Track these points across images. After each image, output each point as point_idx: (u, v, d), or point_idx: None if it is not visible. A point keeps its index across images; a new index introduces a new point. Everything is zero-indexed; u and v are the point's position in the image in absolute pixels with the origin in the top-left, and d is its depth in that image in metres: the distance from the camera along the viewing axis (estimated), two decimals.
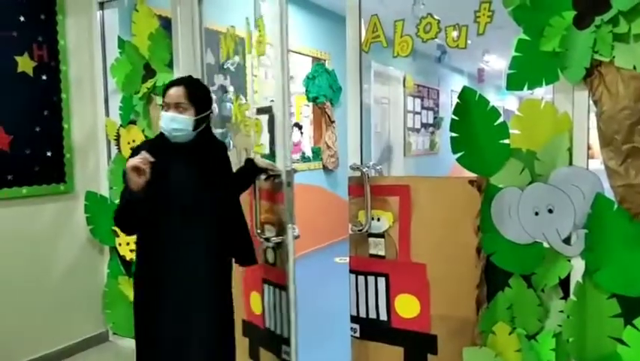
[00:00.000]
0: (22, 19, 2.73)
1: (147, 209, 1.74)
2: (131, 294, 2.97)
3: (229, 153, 2.06)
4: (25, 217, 2.80)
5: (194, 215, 1.83)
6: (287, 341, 2.32)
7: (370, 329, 2.24)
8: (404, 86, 7.26)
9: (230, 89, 4.16)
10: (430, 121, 8.45)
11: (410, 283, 2.12)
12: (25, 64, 2.75)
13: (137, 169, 1.65)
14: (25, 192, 2.77)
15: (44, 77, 2.84)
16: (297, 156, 5.39)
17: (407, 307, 2.14)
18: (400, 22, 2.04)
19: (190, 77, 1.94)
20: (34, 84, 2.80)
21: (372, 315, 2.22)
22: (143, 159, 1.66)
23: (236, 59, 4.16)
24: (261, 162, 2.23)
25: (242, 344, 2.58)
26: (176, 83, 1.83)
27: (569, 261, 1.76)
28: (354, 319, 2.28)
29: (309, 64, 5.66)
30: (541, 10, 1.68)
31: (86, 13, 3.07)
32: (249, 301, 2.53)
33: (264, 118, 2.51)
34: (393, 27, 2.04)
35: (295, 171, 2.32)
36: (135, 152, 1.80)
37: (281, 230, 2.29)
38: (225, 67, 4.11)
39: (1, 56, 2.65)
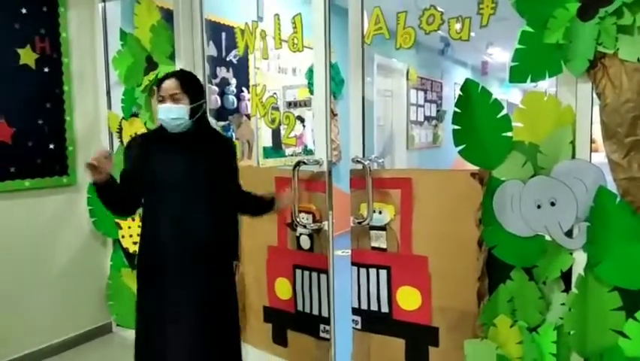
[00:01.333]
0: (24, 11, 2.73)
1: (115, 195, 1.84)
2: (134, 286, 3.02)
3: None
4: (28, 210, 2.82)
5: (194, 202, 1.89)
6: (326, 320, 2.37)
7: (372, 321, 2.25)
8: (407, 78, 7.23)
9: (233, 81, 4.16)
10: (433, 114, 8.42)
11: (412, 276, 2.13)
12: (27, 56, 2.75)
13: (92, 167, 1.70)
14: (28, 185, 2.79)
15: (46, 70, 2.85)
16: (299, 149, 5.39)
17: (408, 299, 2.15)
18: (403, 14, 2.03)
19: (181, 69, 2.05)
20: (37, 77, 2.80)
21: (374, 307, 2.23)
22: (98, 156, 1.72)
23: (234, 52, 4.16)
24: (285, 200, 2.20)
25: (263, 330, 2.62)
26: (168, 76, 1.91)
27: (571, 254, 1.76)
28: (356, 311, 2.29)
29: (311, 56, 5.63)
30: (545, 1, 1.67)
31: (88, 5, 3.07)
32: (274, 287, 2.56)
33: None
34: (396, 19, 2.03)
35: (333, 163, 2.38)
36: (133, 142, 1.99)
37: (319, 217, 2.35)
38: (228, 59, 4.10)
39: (3, 48, 2.66)
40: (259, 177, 2.53)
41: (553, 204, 1.76)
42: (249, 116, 4.23)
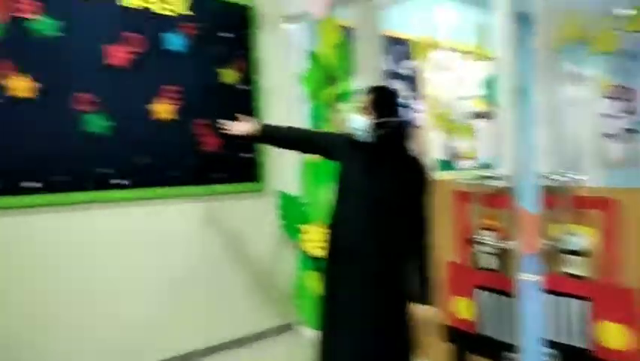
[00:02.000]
0: (226, 35, 3.10)
1: (275, 138, 2.35)
2: (317, 288, 3.18)
3: None
4: (228, 211, 3.18)
5: (363, 208, 1.94)
6: (510, 348, 2.23)
7: (568, 356, 2.04)
8: (599, 87, 6.46)
9: (407, 93, 4.17)
10: (633, 127, 7.37)
11: (617, 310, 1.87)
12: (227, 75, 3.12)
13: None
14: (231, 189, 3.16)
15: (243, 87, 3.19)
16: (475, 163, 5.17)
17: (614, 336, 1.90)
18: (605, 18, 1.82)
19: (380, 85, 2.12)
20: (235, 93, 3.16)
21: (570, 341, 2.03)
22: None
23: (411, 63, 4.18)
24: (422, 313, 1.93)
25: (442, 348, 2.57)
26: (367, 90, 2.03)
27: None
28: (548, 342, 2.08)
29: (483, 65, 5.34)
30: None
31: (279, 28, 3.37)
32: (454, 306, 2.51)
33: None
34: (594, 23, 1.83)
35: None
36: (344, 134, 2.16)
37: (503, 236, 2.24)
38: (401, 72, 4.14)
39: (209, 68, 3.05)
40: (436, 190, 2.48)
41: None
42: (422, 128, 4.20)
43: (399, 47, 4.09)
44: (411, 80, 4.19)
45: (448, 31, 4.05)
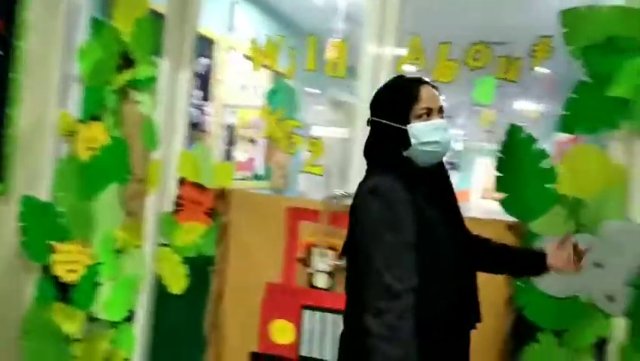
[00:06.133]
0: None
1: None
2: (64, 324, 2.62)
3: None
4: None
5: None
6: None
7: None
8: None
9: (196, 93, 3.92)
10: None
11: None
12: None
13: None
14: None
15: None
16: (248, 174, 5.18)
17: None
18: (445, 45, 1.98)
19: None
20: None
21: None
22: None
23: (205, 60, 3.96)
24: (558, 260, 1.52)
25: None
26: (426, 82, 1.41)
27: (610, 319, 1.76)
28: None
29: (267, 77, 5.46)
30: (615, 52, 1.69)
31: None
32: (268, 331, 2.32)
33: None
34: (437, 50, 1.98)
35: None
36: (393, 193, 1.30)
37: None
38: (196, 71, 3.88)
39: None
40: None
41: (598, 265, 1.75)
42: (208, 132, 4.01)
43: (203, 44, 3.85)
44: (204, 80, 3.96)
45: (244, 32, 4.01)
